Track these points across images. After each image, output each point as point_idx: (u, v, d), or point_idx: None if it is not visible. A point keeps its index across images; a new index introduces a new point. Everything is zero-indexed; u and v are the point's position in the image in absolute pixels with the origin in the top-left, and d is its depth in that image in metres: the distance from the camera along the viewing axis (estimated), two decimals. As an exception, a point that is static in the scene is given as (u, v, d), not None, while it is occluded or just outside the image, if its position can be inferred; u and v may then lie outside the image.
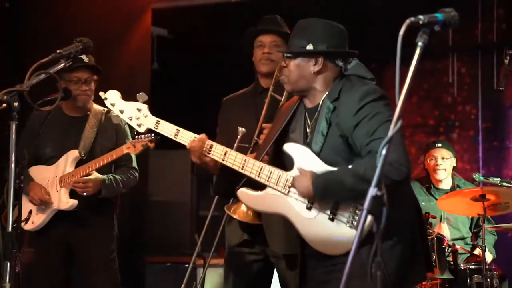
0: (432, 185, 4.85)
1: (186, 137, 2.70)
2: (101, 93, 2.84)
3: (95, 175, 3.68)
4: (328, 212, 2.43)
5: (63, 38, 2.90)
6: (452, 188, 4.79)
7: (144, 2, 5.88)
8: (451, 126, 6.13)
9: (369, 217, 1.73)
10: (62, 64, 2.55)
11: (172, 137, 2.72)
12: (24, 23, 5.53)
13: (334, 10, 5.53)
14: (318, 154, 2.47)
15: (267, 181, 2.53)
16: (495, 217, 4.70)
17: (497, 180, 4.32)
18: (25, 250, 3.73)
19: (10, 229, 2.32)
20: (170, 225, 5.85)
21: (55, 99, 3.51)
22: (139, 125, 2.76)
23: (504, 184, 4.27)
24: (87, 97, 3.75)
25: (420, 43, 1.76)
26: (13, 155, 2.35)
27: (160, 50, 6.55)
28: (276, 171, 2.52)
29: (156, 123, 2.73)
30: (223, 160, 2.62)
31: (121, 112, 2.77)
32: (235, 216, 3.00)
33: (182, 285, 2.97)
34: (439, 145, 4.87)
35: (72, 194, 3.68)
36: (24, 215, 3.69)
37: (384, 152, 1.71)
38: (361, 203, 2.09)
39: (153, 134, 3.41)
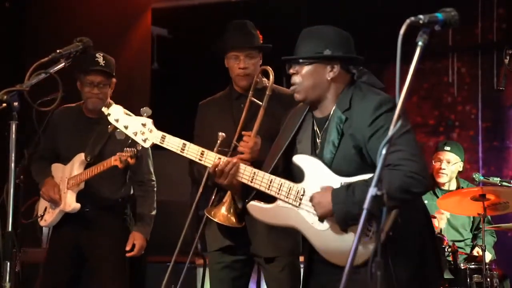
0: (436, 186, 4.83)
1: (192, 151, 2.67)
2: (104, 109, 2.79)
3: (134, 234, 3.79)
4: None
5: (63, 37, 2.90)
6: (457, 189, 4.77)
7: (144, 1, 5.89)
8: (451, 126, 6.13)
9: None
10: (62, 64, 2.55)
11: (178, 152, 2.68)
12: (24, 23, 5.53)
13: (334, 10, 5.52)
14: (329, 164, 2.42)
15: (278, 193, 2.48)
16: (495, 217, 4.69)
17: (497, 179, 4.31)
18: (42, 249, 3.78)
19: (10, 228, 2.32)
20: (171, 225, 5.83)
21: (55, 99, 3.53)
22: (144, 140, 2.71)
23: (504, 183, 4.27)
24: (98, 101, 3.71)
25: (420, 43, 1.76)
26: (13, 154, 2.34)
27: (160, 49, 6.55)
28: (287, 183, 2.48)
29: (162, 137, 2.70)
30: None
31: (126, 127, 2.72)
32: (215, 220, 2.98)
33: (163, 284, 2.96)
34: (448, 148, 4.76)
35: (81, 196, 3.68)
36: (40, 211, 3.75)
37: (384, 151, 1.71)
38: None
39: (135, 150, 3.41)
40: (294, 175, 2.52)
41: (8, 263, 2.30)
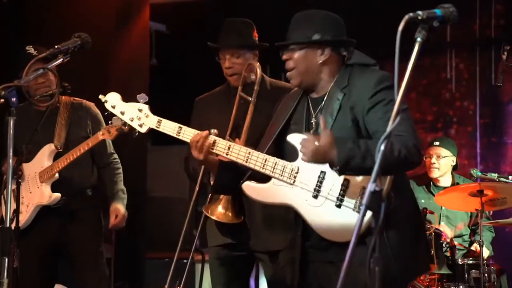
0: (431, 182, 4.86)
1: (188, 134, 2.68)
2: (100, 96, 2.81)
3: (115, 206, 3.70)
4: (335, 199, 2.42)
5: (61, 33, 2.89)
6: (452, 185, 4.79)
7: (142, -3, 5.88)
8: (450, 122, 6.14)
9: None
10: (60, 60, 2.54)
11: (174, 135, 2.70)
12: (22, 19, 5.51)
13: (332, 7, 5.51)
14: None
15: (272, 172, 2.51)
16: (493, 213, 4.70)
17: (494, 175, 4.31)
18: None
19: (8, 224, 2.32)
20: (169, 221, 5.86)
21: (54, 94, 3.52)
22: (141, 125, 2.74)
23: (502, 179, 4.27)
24: (46, 89, 3.63)
25: (418, 39, 1.76)
26: (11, 151, 2.34)
27: (159, 45, 6.54)
28: (281, 162, 2.52)
29: (158, 122, 2.72)
30: (226, 154, 2.60)
31: (122, 113, 2.76)
32: (213, 217, 2.99)
33: (167, 283, 2.96)
34: (437, 143, 4.84)
35: (54, 188, 3.64)
36: (10, 215, 3.64)
37: (382, 147, 1.71)
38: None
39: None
40: (287, 157, 2.55)
41: (6, 259, 2.29)
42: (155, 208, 6.04)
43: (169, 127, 2.71)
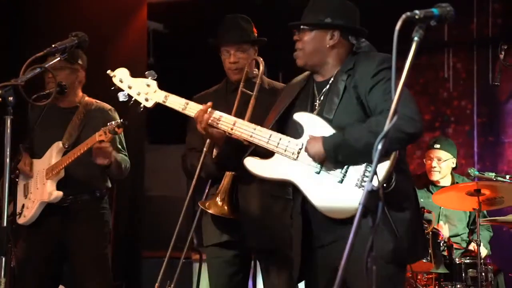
0: (431, 183, 4.85)
1: (194, 109, 2.68)
2: (109, 71, 2.81)
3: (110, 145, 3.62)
4: (338, 175, 2.42)
5: (60, 32, 2.89)
6: (452, 185, 4.79)
7: (139, -4, 5.87)
8: (447, 121, 6.14)
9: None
10: (57, 59, 2.55)
11: (180, 110, 2.70)
12: (22, 19, 5.51)
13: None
14: (330, 120, 2.49)
15: (276, 147, 2.52)
16: (490, 212, 4.71)
17: (492, 174, 4.32)
18: (20, 245, 3.70)
19: (5, 223, 2.32)
20: (167, 220, 5.84)
21: (50, 93, 3.52)
22: (147, 99, 2.73)
23: (499, 178, 4.28)
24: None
25: (416, 38, 1.77)
26: (8, 149, 2.34)
27: (156, 44, 6.53)
28: (286, 138, 2.53)
29: (165, 97, 2.72)
30: (231, 129, 2.60)
31: (129, 87, 2.75)
32: (210, 211, 3.00)
33: (157, 284, 2.96)
34: (437, 146, 4.81)
35: (62, 187, 3.62)
36: (18, 209, 3.66)
37: (380, 147, 1.71)
38: (370, 165, 2.15)
39: (121, 120, 3.44)
40: (289, 136, 2.56)
41: (3, 258, 2.29)
42: (153, 207, 6.03)
43: (175, 103, 2.70)
